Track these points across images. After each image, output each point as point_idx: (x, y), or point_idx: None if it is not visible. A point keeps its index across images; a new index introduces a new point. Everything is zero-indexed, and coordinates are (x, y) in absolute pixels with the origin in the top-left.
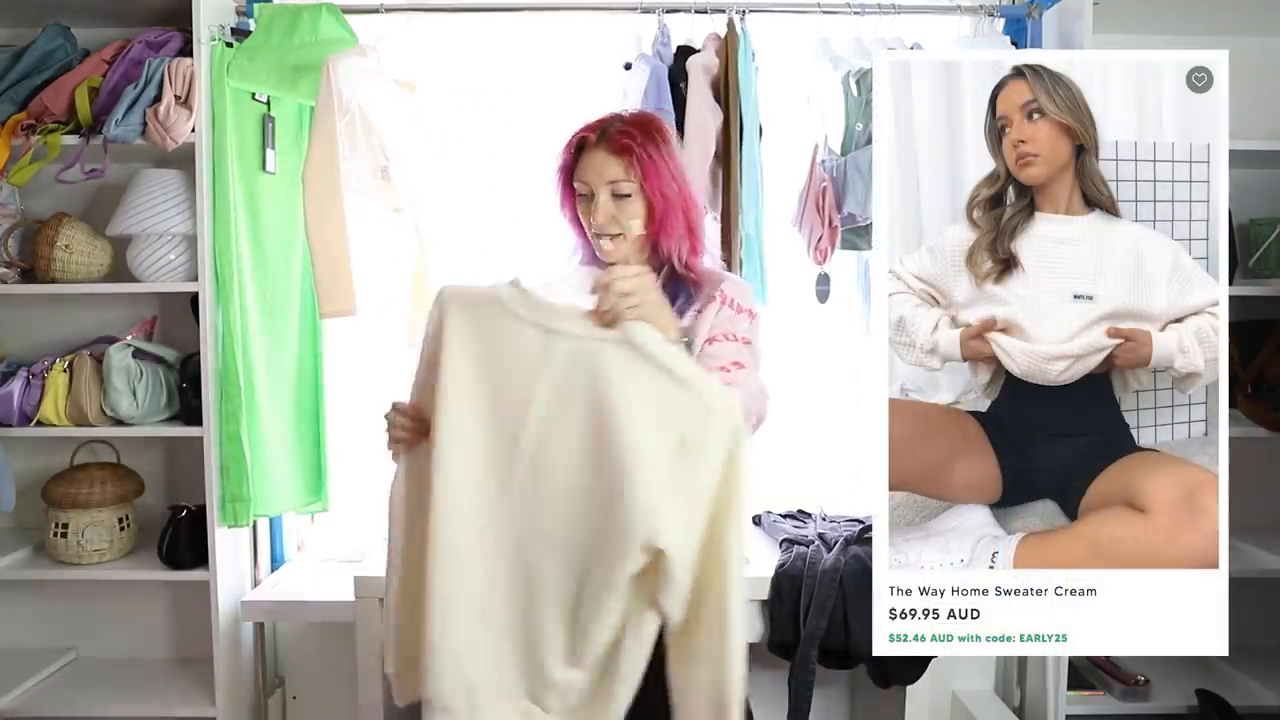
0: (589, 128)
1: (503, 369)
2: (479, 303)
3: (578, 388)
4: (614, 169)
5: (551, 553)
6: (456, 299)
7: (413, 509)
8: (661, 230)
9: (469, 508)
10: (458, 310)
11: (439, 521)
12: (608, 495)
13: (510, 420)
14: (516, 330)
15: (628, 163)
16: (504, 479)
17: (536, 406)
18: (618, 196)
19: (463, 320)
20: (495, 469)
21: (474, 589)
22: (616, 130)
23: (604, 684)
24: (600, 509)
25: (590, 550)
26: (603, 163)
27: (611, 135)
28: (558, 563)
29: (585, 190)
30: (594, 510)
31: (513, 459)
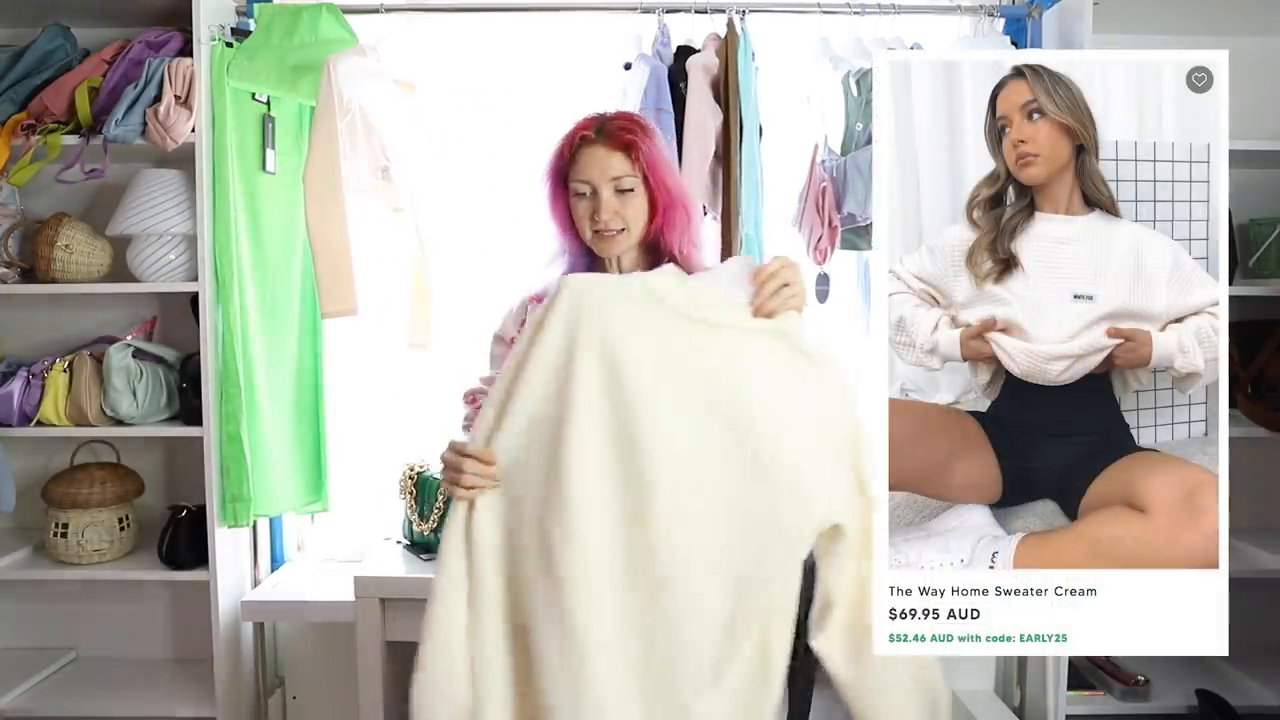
0: (585, 125)
1: (641, 361)
2: (614, 288)
3: (726, 380)
4: (618, 164)
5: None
6: (590, 284)
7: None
8: (665, 224)
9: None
10: (592, 297)
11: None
12: (769, 487)
13: (648, 413)
14: (663, 320)
15: (632, 157)
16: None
17: (677, 398)
18: (620, 192)
19: (598, 306)
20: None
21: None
22: (617, 126)
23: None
24: (760, 498)
25: (747, 545)
26: (605, 158)
27: (612, 131)
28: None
29: (585, 188)
30: (751, 503)
31: (645, 458)
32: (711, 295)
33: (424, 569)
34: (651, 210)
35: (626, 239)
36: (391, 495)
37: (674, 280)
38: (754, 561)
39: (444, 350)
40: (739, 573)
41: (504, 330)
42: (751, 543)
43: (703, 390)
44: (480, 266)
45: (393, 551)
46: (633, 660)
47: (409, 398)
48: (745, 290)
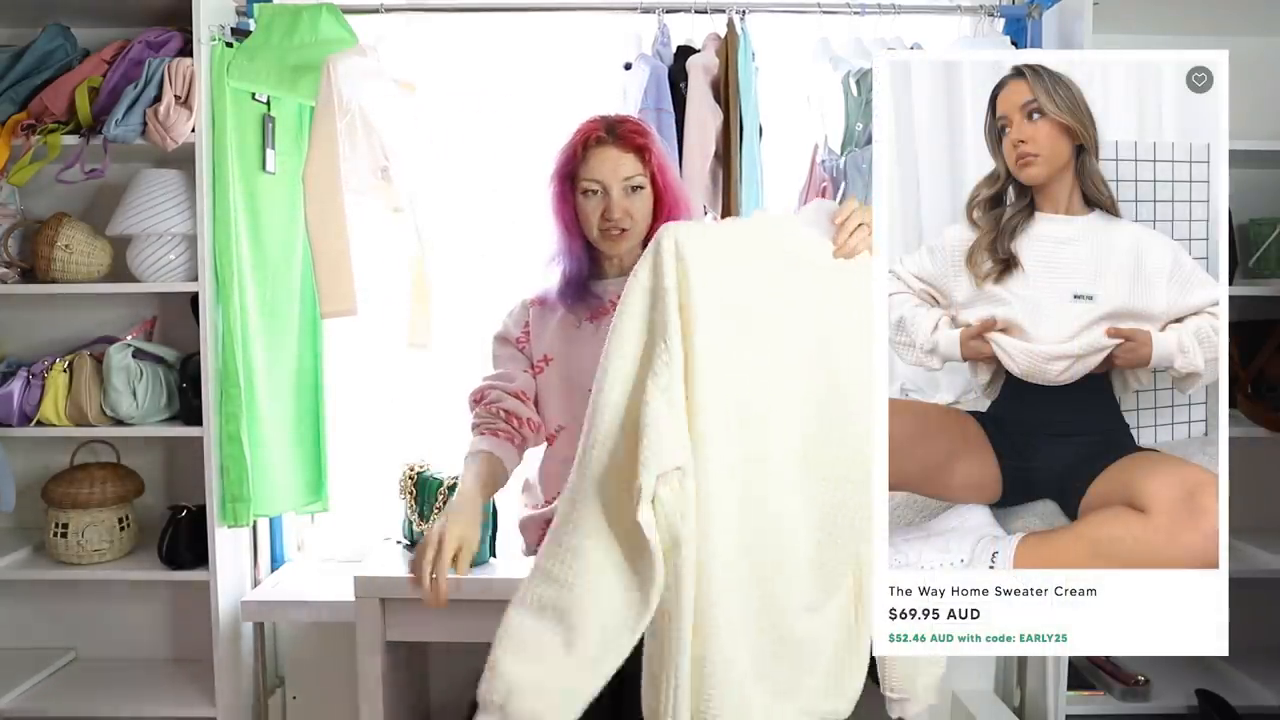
0: (595, 126)
1: (753, 298)
2: (718, 234)
3: (817, 322)
4: (629, 164)
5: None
6: (690, 232)
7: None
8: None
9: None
10: (694, 240)
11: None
12: (857, 434)
13: (760, 351)
14: (767, 257)
15: (644, 159)
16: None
17: (785, 339)
18: (630, 192)
19: (702, 248)
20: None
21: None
22: (629, 129)
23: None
24: (850, 441)
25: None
26: (617, 158)
27: (624, 134)
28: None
29: (595, 187)
30: (842, 445)
31: (760, 396)
32: (804, 237)
33: None
34: (657, 210)
35: (631, 237)
36: (391, 495)
37: (774, 221)
38: (841, 507)
39: (444, 350)
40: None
41: (506, 331)
42: (839, 489)
43: (811, 332)
44: (480, 266)
45: (393, 551)
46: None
47: (409, 398)
48: (827, 231)
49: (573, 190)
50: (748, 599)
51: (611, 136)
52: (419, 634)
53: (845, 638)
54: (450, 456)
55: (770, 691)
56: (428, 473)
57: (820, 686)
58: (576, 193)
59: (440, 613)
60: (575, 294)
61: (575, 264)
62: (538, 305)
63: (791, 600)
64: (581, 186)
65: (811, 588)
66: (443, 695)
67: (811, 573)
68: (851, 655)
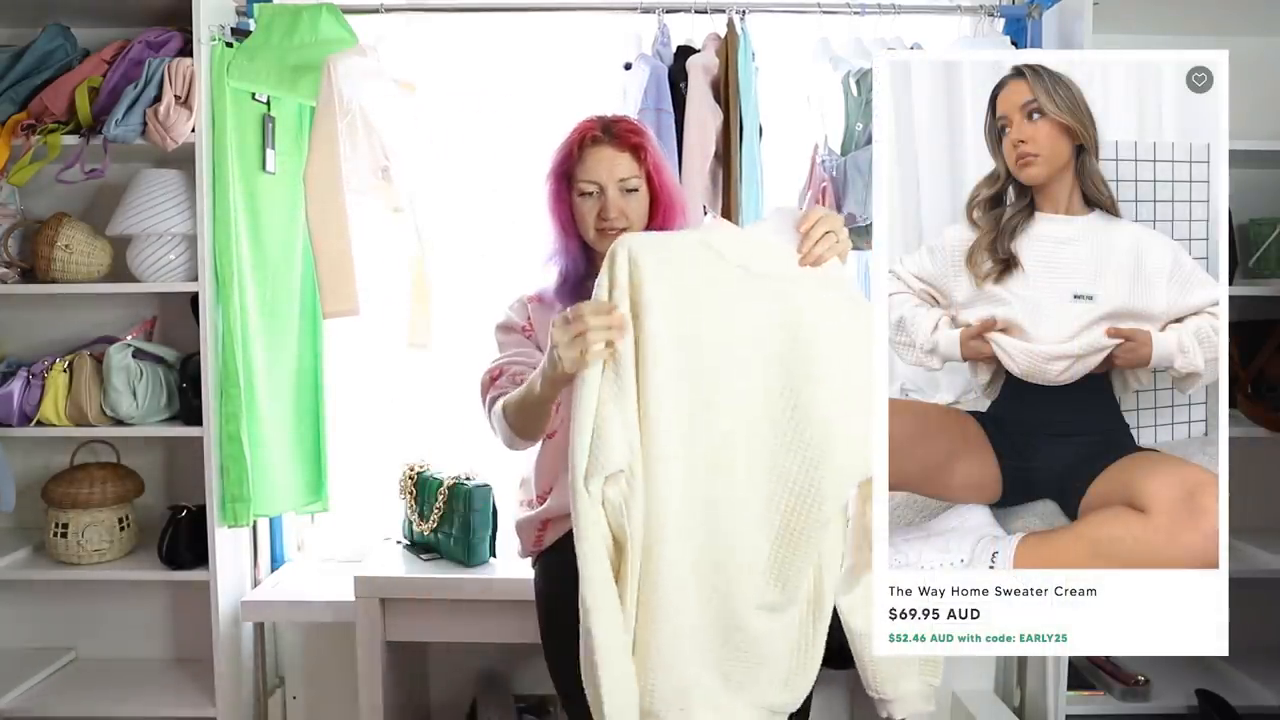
0: (591, 125)
1: (703, 305)
2: (674, 246)
3: (777, 329)
4: (625, 165)
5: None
6: (648, 246)
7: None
8: (665, 222)
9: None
10: (648, 252)
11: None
12: (814, 438)
13: (711, 359)
14: (718, 269)
15: (639, 159)
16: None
17: (737, 349)
18: (626, 192)
19: (656, 260)
20: (695, 412)
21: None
22: (624, 129)
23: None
24: (805, 449)
25: (793, 493)
26: (613, 158)
27: (619, 133)
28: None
29: (592, 187)
30: (798, 452)
31: (715, 399)
32: (764, 247)
33: (424, 569)
34: (653, 210)
35: None
36: (391, 495)
37: (730, 232)
38: (800, 508)
39: (444, 350)
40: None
41: (511, 321)
42: (799, 490)
43: (766, 342)
44: (480, 266)
45: (393, 551)
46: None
47: (409, 398)
48: (790, 240)
49: (569, 190)
50: (701, 595)
51: (607, 136)
52: (419, 634)
53: (799, 637)
54: (450, 456)
55: (720, 681)
56: (428, 473)
57: (775, 679)
58: (573, 193)
59: (440, 613)
60: (571, 293)
61: (571, 263)
62: (535, 303)
63: (748, 598)
64: (578, 187)
65: (769, 588)
66: (443, 695)
67: (770, 573)
68: (804, 654)
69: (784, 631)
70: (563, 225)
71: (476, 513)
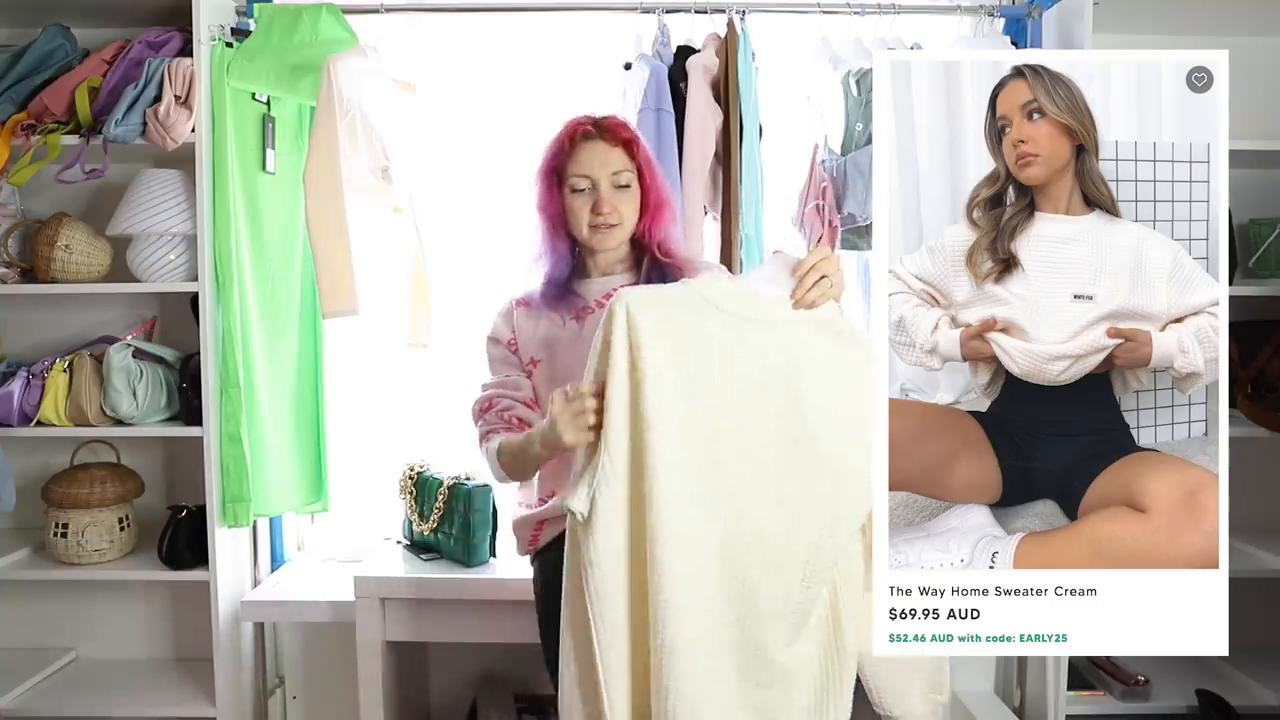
0: (582, 121)
1: (703, 361)
2: (672, 302)
3: (779, 374)
4: (617, 160)
5: (766, 545)
6: (642, 300)
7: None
8: (654, 222)
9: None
10: (647, 310)
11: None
12: (830, 474)
13: (714, 414)
14: (715, 322)
15: (630, 154)
16: (714, 481)
17: (739, 397)
18: (617, 188)
19: (654, 318)
20: (704, 469)
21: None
22: (613, 123)
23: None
24: (820, 486)
25: (811, 530)
26: (605, 154)
27: (611, 128)
28: (774, 552)
29: (584, 183)
30: (813, 489)
31: (721, 452)
32: (759, 294)
33: (424, 569)
34: (642, 207)
35: (620, 233)
36: (391, 495)
37: (725, 284)
38: (817, 544)
39: (443, 350)
40: (805, 556)
41: (497, 333)
42: (814, 527)
43: (772, 388)
44: (480, 266)
45: (393, 551)
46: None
47: (409, 398)
48: (786, 285)
49: (560, 187)
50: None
51: (599, 131)
52: (419, 634)
53: (827, 666)
54: (450, 456)
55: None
56: (428, 473)
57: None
58: (565, 190)
59: (440, 613)
60: (557, 294)
61: (559, 263)
62: (524, 306)
63: (777, 639)
64: (570, 183)
65: (794, 626)
66: (443, 695)
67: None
68: (835, 682)
69: (807, 666)
70: (553, 224)
71: (476, 513)
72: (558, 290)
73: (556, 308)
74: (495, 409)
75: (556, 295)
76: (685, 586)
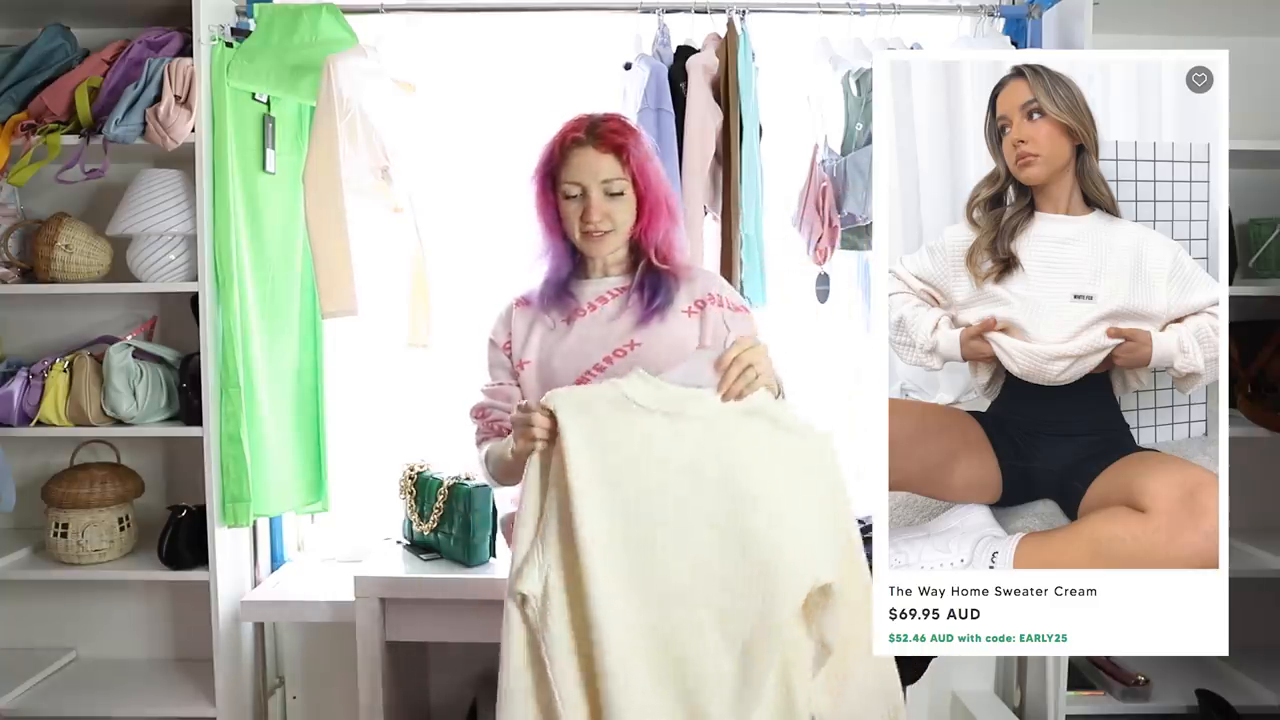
0: (575, 126)
1: (631, 459)
2: (594, 400)
3: (710, 464)
4: (608, 167)
5: (705, 629)
6: (568, 402)
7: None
8: (650, 226)
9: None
10: (572, 412)
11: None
12: (761, 556)
13: (647, 509)
14: (642, 420)
15: (622, 160)
16: (649, 571)
17: (672, 490)
18: (609, 195)
19: (580, 421)
20: (639, 562)
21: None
22: (607, 129)
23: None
24: (753, 568)
25: (748, 611)
26: (595, 161)
27: (603, 134)
28: (713, 636)
29: (575, 190)
30: (747, 572)
31: (655, 548)
32: (681, 390)
33: (424, 569)
34: (639, 212)
35: (614, 239)
36: (391, 495)
37: (644, 384)
38: (756, 625)
39: (443, 350)
40: (745, 638)
41: (495, 335)
42: (749, 609)
43: (701, 477)
44: (480, 266)
45: (393, 551)
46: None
47: (409, 398)
48: (711, 380)
49: (554, 191)
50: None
51: (590, 137)
52: (419, 634)
53: None
54: (450, 456)
55: None
56: (428, 473)
57: None
58: (558, 194)
59: (440, 613)
60: (554, 294)
61: (558, 264)
62: (523, 305)
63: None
64: (563, 190)
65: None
66: (443, 695)
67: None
68: None
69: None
70: (548, 226)
71: (476, 513)
72: (556, 290)
73: (553, 308)
74: (487, 419)
75: (554, 295)
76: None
